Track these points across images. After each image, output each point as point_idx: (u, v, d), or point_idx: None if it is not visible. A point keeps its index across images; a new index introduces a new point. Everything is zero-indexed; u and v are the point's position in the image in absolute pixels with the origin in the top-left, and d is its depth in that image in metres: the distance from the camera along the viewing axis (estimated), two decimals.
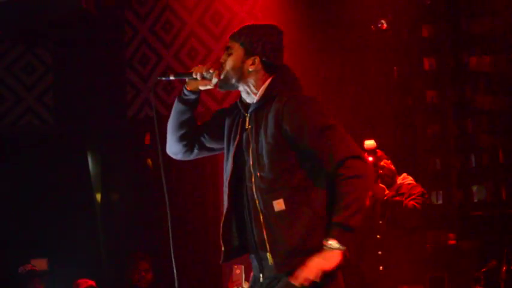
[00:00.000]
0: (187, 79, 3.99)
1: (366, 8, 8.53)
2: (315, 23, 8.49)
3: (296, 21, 8.02)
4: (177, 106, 4.02)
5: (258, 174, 3.73)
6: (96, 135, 9.39)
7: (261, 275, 3.81)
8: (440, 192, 8.91)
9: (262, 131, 3.76)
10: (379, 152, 6.74)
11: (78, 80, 9.18)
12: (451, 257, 8.08)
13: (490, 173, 8.87)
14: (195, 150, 4.06)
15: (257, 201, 3.72)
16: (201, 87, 3.96)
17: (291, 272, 3.62)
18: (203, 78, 3.92)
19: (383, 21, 8.65)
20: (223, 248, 3.91)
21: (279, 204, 3.67)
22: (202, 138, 4.04)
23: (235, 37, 3.91)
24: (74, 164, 9.30)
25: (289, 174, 3.67)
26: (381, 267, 6.56)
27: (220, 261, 3.95)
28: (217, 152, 4.11)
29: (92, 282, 7.87)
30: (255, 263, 3.85)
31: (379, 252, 6.57)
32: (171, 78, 4.03)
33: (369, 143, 6.69)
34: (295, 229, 3.64)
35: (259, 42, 3.85)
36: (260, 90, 3.85)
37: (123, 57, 9.21)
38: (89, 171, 9.38)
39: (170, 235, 3.99)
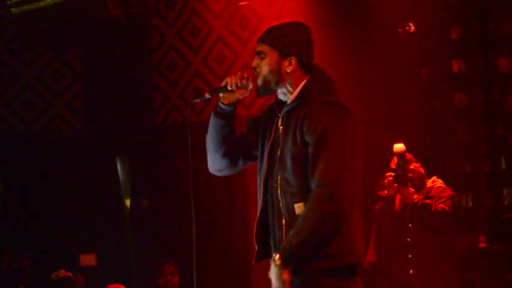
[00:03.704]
0: (221, 94, 3.91)
1: (394, 11, 8.51)
2: (342, 27, 8.48)
3: (323, 25, 8.01)
4: (215, 122, 3.93)
5: (282, 176, 3.72)
6: (124, 141, 9.42)
7: None
8: (470, 195, 8.84)
9: (290, 134, 3.74)
10: (409, 155, 6.70)
11: (107, 86, 9.22)
12: (482, 259, 8.03)
13: None
14: (240, 162, 4.01)
15: (281, 203, 3.72)
16: (239, 97, 3.90)
17: (296, 269, 3.60)
18: (238, 88, 3.86)
19: (411, 23, 8.61)
20: (256, 247, 3.90)
21: (299, 208, 3.65)
22: (245, 148, 3.99)
23: (264, 40, 3.85)
24: (103, 169, 9.34)
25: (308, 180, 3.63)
26: (411, 271, 6.52)
27: (253, 261, 3.94)
28: None
29: None
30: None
31: (409, 256, 6.53)
32: (207, 96, 3.93)
33: (398, 147, 6.66)
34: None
35: (293, 42, 3.81)
36: (295, 91, 3.82)
37: (151, 63, 9.24)
38: (118, 177, 9.41)
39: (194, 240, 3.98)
